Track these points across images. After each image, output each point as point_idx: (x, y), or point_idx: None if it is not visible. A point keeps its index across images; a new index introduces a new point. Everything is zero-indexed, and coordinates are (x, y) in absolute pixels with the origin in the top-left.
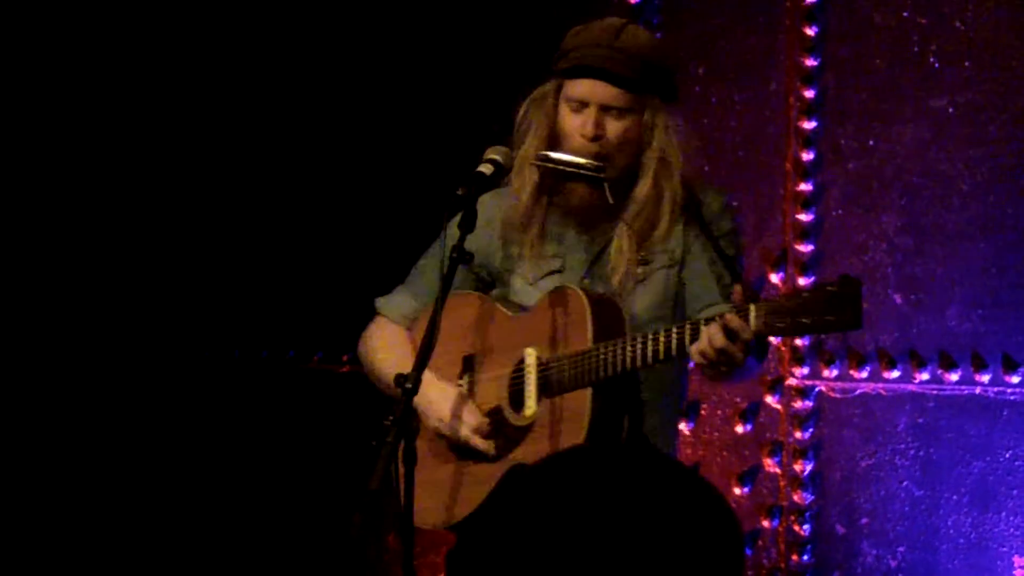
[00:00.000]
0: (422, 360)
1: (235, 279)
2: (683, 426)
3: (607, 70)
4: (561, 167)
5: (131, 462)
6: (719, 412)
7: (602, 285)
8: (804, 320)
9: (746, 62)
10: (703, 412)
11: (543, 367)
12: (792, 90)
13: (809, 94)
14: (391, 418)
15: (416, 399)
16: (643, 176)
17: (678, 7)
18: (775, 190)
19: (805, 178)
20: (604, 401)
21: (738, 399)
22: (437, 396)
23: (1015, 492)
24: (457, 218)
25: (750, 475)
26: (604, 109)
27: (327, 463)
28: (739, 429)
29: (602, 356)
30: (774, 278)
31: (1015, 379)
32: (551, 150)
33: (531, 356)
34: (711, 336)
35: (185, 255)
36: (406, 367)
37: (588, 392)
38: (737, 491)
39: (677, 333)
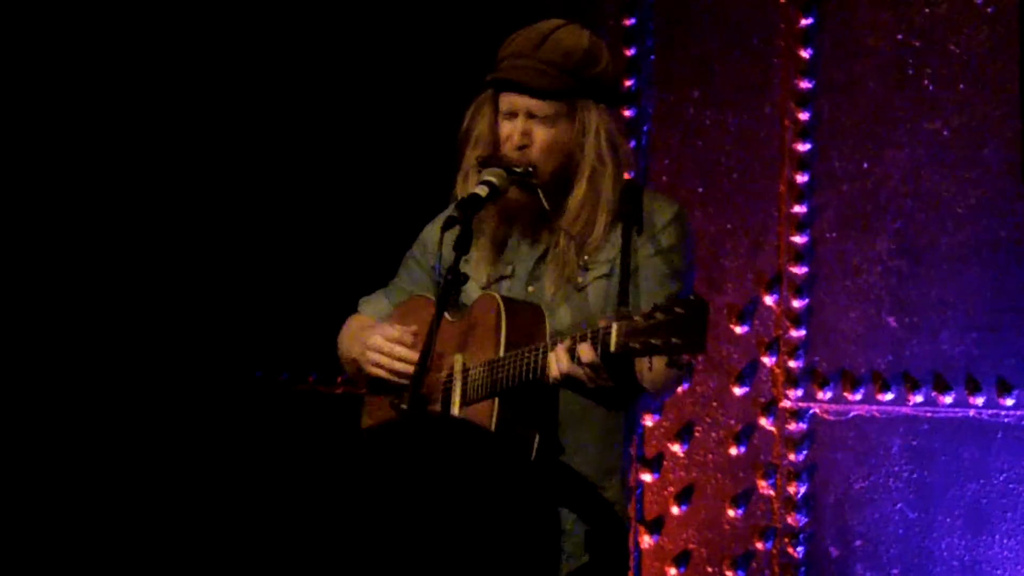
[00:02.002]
0: (416, 381)
1: (229, 299)
2: (677, 448)
3: (525, 84)
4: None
5: (121, 483)
6: (713, 434)
7: (543, 291)
8: (655, 341)
9: (740, 85)
10: (697, 434)
11: (465, 374)
12: (786, 113)
13: (803, 117)
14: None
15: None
16: (578, 181)
17: (672, 30)
18: (769, 212)
19: (799, 200)
20: (509, 413)
21: (732, 421)
22: (367, 334)
23: (1009, 515)
24: (440, 238)
25: (744, 497)
26: (530, 116)
27: (315, 486)
28: (733, 451)
29: (504, 366)
30: (768, 300)
31: (1009, 402)
32: (492, 155)
33: (458, 362)
34: (558, 358)
35: (178, 276)
36: (359, 334)
37: (494, 402)
38: (731, 513)
39: (543, 351)
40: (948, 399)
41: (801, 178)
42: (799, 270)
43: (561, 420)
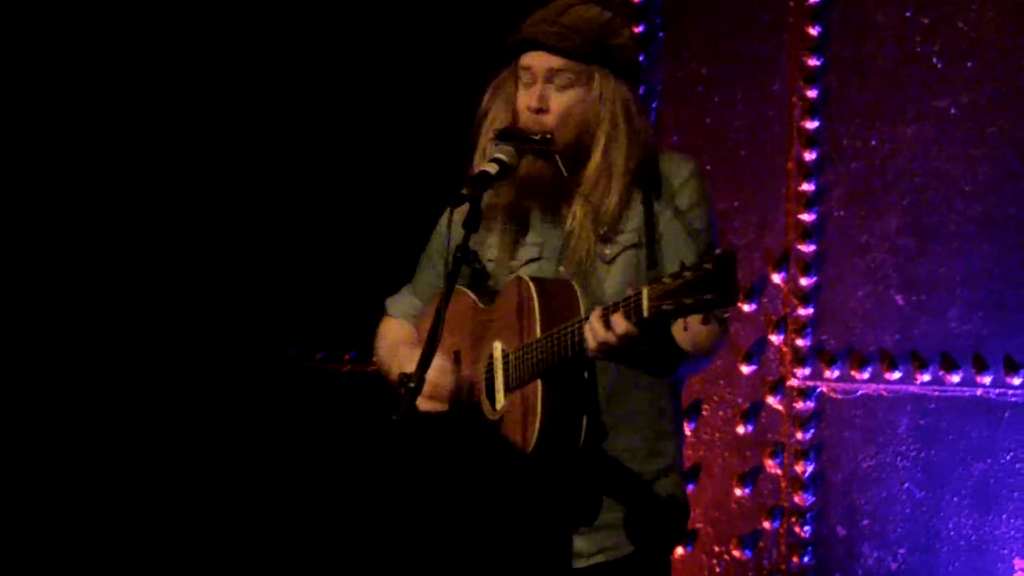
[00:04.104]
0: (425, 360)
1: (237, 277)
2: (684, 426)
3: (547, 43)
4: (512, 142)
5: (129, 458)
6: (720, 413)
7: (572, 268)
8: (687, 300)
9: (749, 62)
10: (704, 412)
11: (506, 360)
12: (795, 90)
13: (812, 94)
14: (395, 417)
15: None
16: (594, 150)
17: (681, 7)
18: (777, 190)
19: (807, 178)
20: (556, 395)
21: (740, 400)
22: (405, 353)
23: (1016, 494)
24: (450, 215)
25: (751, 476)
26: (548, 80)
27: (327, 462)
28: (740, 430)
29: (544, 347)
30: (776, 278)
31: (1017, 380)
32: (507, 128)
33: (497, 350)
34: (593, 329)
35: (187, 253)
36: (395, 352)
37: (539, 384)
38: (738, 492)
39: (579, 325)
40: (956, 378)
41: (809, 156)
42: (807, 248)
43: (608, 393)
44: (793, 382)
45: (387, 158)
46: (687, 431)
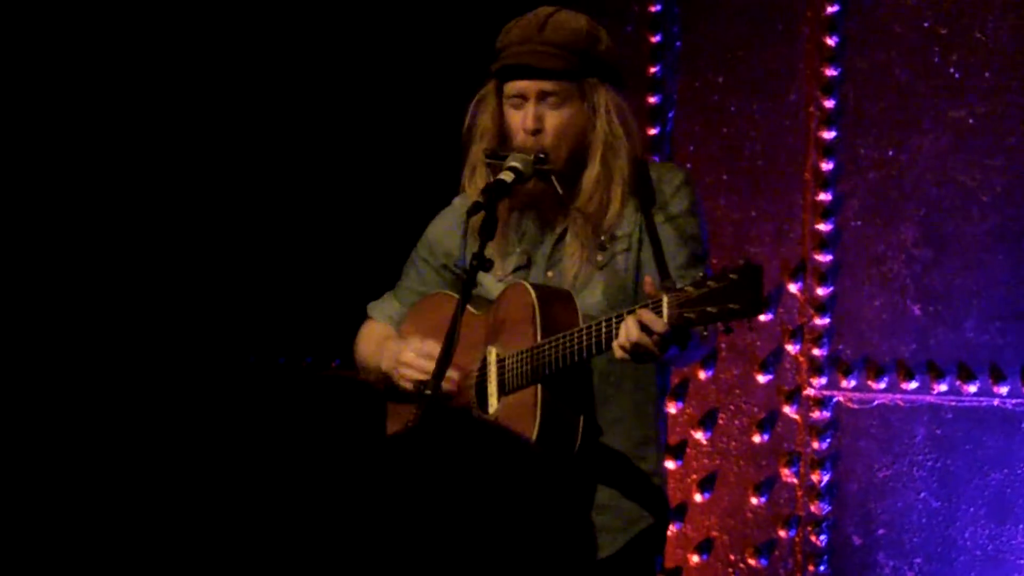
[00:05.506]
0: (441, 367)
1: (252, 284)
2: (700, 435)
3: (534, 67)
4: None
5: (141, 466)
6: (736, 422)
7: (563, 275)
8: (711, 309)
9: (765, 72)
10: (720, 421)
11: (501, 365)
12: (812, 100)
13: (829, 104)
14: (410, 424)
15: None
16: (591, 161)
17: (697, 17)
18: (794, 200)
19: (824, 188)
20: (553, 398)
21: (756, 409)
22: (394, 347)
23: None
24: (466, 224)
25: (767, 485)
26: (541, 100)
27: (342, 470)
28: (756, 439)
29: (546, 352)
30: (792, 288)
31: None
32: (499, 148)
33: (491, 354)
34: (627, 330)
35: (201, 259)
36: (381, 347)
37: (536, 389)
38: (754, 501)
39: (605, 326)
40: (972, 388)
41: (826, 166)
42: (824, 258)
43: (595, 398)
44: (809, 391)
45: (395, 168)
46: (703, 439)
